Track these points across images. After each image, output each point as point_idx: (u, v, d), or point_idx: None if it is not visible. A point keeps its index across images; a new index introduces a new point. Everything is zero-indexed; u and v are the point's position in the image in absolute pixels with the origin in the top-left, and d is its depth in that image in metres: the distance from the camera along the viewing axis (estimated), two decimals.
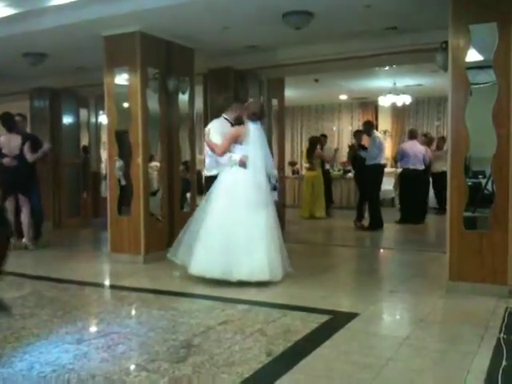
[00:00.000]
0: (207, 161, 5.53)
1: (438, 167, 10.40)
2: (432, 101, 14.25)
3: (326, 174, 11.09)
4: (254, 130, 5.14)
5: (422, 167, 9.62)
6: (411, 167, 9.58)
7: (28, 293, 4.82)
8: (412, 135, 9.95)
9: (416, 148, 9.62)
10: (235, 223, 4.95)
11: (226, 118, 5.59)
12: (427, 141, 10.54)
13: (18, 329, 3.69)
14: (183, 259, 5.17)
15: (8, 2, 5.59)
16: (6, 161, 6.96)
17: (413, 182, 9.58)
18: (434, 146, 10.97)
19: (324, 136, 11.83)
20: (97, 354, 3.19)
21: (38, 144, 7.10)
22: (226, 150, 5.12)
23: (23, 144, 6.90)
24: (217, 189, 5.12)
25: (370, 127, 9.25)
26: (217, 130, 5.41)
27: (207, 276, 4.94)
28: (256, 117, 5.17)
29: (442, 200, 10.98)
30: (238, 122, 5.47)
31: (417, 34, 6.20)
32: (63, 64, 7.99)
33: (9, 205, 7.05)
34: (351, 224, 9.12)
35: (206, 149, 5.51)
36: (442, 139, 11.38)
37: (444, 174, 10.99)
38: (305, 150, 11.60)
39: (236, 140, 5.13)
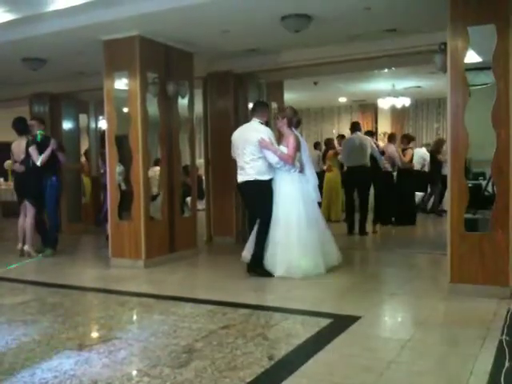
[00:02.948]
0: (258, 166, 5.46)
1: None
2: (431, 103, 14.27)
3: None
4: (299, 136, 5.65)
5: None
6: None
7: (30, 299, 4.82)
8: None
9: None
10: (317, 221, 5.61)
11: (261, 123, 5.65)
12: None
13: (20, 335, 3.69)
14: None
15: (8, 7, 5.60)
16: (15, 167, 7.10)
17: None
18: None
19: (342, 136, 11.68)
20: (98, 359, 3.19)
21: (46, 146, 6.90)
22: (295, 157, 5.51)
23: (27, 147, 6.89)
24: (291, 193, 5.45)
25: (352, 128, 8.97)
26: (272, 137, 5.56)
27: (314, 273, 5.35)
28: (299, 123, 5.84)
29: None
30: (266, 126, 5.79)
31: (416, 36, 6.21)
32: (63, 69, 8.00)
33: (23, 209, 7.11)
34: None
35: (253, 156, 5.46)
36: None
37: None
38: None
39: (298, 148, 5.53)
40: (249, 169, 5.50)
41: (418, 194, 11.35)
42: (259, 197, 5.52)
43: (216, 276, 5.74)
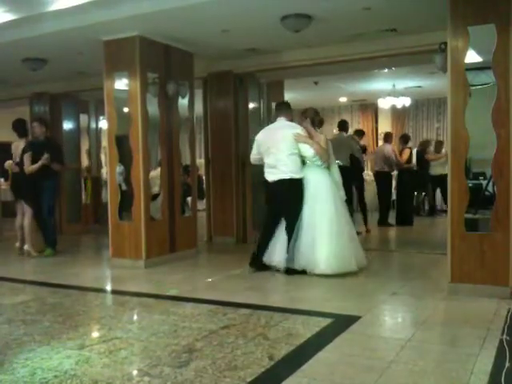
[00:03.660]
0: (292, 163, 5.53)
1: (438, 170, 10.71)
2: (432, 102, 14.26)
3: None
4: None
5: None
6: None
7: (30, 299, 4.82)
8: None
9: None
10: (347, 218, 5.66)
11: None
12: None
13: (20, 335, 3.69)
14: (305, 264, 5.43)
15: (8, 7, 5.60)
16: (11, 166, 7.10)
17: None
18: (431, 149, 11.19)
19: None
20: (99, 359, 3.19)
21: (46, 148, 6.88)
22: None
23: (23, 152, 6.89)
24: (323, 187, 5.55)
25: (339, 127, 8.92)
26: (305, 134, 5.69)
27: (347, 270, 5.36)
28: (322, 123, 6.15)
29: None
30: None
31: (416, 35, 6.21)
32: (63, 69, 8.00)
33: (19, 209, 7.13)
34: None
35: (287, 152, 5.53)
36: (440, 143, 11.49)
37: (443, 176, 11.18)
38: None
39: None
40: (283, 166, 5.54)
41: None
42: (292, 195, 5.53)
43: (216, 276, 5.74)
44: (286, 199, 5.58)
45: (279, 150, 5.56)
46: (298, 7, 5.39)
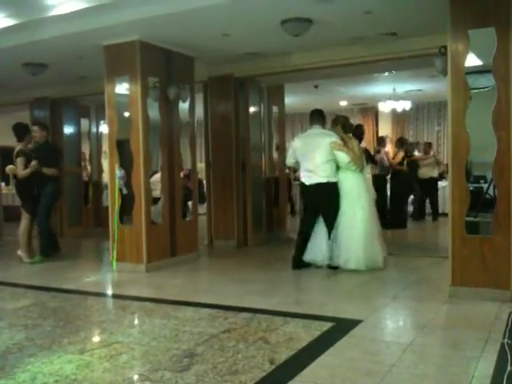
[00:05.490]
0: (328, 168, 5.90)
1: (426, 173, 10.79)
2: (432, 106, 14.27)
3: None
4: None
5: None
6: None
7: (31, 303, 4.81)
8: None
9: None
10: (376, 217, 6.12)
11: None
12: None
13: (21, 339, 3.69)
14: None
15: (8, 12, 5.62)
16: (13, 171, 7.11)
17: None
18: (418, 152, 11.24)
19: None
20: (100, 363, 3.18)
21: (45, 152, 6.86)
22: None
23: (16, 157, 6.88)
24: (357, 189, 5.92)
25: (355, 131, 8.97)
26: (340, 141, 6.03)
27: (377, 266, 5.83)
28: (351, 128, 6.49)
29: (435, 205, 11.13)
30: None
31: (416, 39, 6.21)
32: (64, 74, 8.02)
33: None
34: None
35: (325, 159, 5.87)
36: (428, 145, 11.49)
37: (432, 179, 11.09)
38: None
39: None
40: (320, 171, 5.91)
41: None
42: (330, 197, 5.91)
43: (217, 280, 5.74)
44: (325, 201, 5.96)
45: (317, 156, 5.92)
46: (299, 11, 5.40)
